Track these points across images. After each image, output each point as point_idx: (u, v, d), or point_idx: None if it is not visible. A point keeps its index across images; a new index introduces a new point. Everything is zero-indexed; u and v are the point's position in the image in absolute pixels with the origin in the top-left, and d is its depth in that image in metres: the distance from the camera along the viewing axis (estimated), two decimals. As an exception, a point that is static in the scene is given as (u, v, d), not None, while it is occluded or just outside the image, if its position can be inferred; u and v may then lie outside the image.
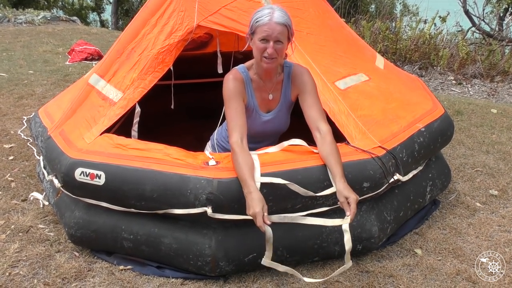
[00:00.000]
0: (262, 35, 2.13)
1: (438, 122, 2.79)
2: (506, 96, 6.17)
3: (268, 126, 2.43)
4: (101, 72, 2.84)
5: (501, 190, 3.26)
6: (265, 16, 2.12)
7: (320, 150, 2.26)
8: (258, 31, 2.15)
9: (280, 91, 2.39)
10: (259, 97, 2.37)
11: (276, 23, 2.11)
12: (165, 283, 2.30)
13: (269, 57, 2.16)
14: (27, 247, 2.55)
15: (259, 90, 2.36)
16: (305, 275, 2.36)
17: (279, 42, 2.15)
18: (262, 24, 2.12)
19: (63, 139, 2.56)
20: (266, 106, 2.41)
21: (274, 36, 2.12)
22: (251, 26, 2.19)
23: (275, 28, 2.11)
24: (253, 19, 2.18)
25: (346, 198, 2.01)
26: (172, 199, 2.17)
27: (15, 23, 10.72)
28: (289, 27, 2.16)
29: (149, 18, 2.82)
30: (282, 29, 2.13)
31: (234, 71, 2.32)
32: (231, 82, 2.27)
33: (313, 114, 2.30)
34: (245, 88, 2.32)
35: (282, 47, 2.18)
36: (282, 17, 2.13)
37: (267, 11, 2.14)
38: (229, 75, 2.30)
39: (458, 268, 2.43)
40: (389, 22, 8.94)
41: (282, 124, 2.47)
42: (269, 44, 2.14)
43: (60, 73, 6.31)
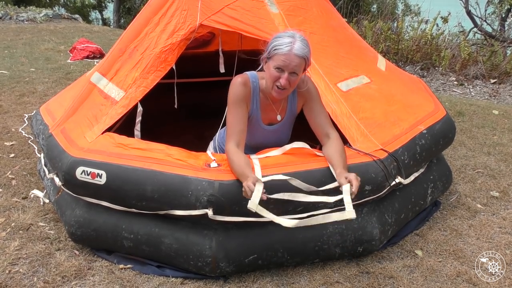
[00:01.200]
0: (279, 64, 2.08)
1: (439, 124, 2.79)
2: (507, 98, 6.16)
3: (269, 137, 2.41)
4: (103, 70, 2.84)
5: (502, 191, 3.26)
6: (285, 46, 2.06)
7: (326, 150, 2.26)
8: (275, 58, 2.09)
9: (286, 108, 2.36)
10: (264, 112, 2.34)
11: (295, 56, 2.06)
12: (165, 282, 2.30)
13: (281, 87, 2.12)
14: (27, 245, 2.55)
15: (265, 107, 2.33)
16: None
17: (294, 73, 2.10)
18: (281, 53, 2.06)
19: (65, 137, 2.56)
20: (269, 120, 2.38)
21: (290, 68, 2.08)
22: (269, 51, 2.11)
23: (293, 60, 2.06)
24: (272, 44, 2.11)
25: (346, 177, 2.03)
26: (173, 200, 2.17)
27: (17, 20, 10.72)
28: (307, 59, 2.11)
29: (151, 17, 2.82)
30: (300, 61, 2.08)
31: (245, 77, 2.26)
32: (239, 87, 2.22)
33: (321, 121, 2.31)
34: (251, 96, 2.28)
35: (295, 79, 2.13)
36: (302, 50, 2.07)
37: (288, 40, 2.07)
38: (238, 79, 2.25)
39: (459, 269, 2.43)
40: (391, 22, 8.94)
41: (284, 136, 2.46)
42: (284, 74, 2.09)
43: (61, 71, 6.31)
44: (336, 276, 2.36)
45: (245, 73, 2.30)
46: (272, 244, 2.27)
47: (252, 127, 2.35)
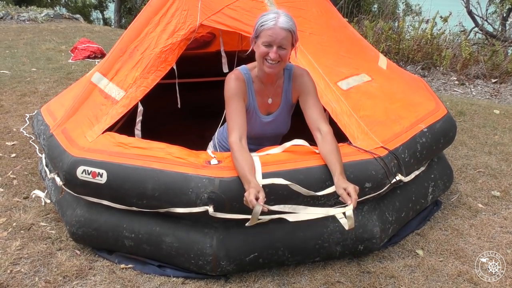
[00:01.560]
0: (266, 39, 2.13)
1: (440, 122, 2.78)
2: (509, 97, 6.15)
3: (268, 128, 2.43)
4: (103, 70, 2.84)
5: (503, 191, 3.26)
6: (270, 21, 2.11)
7: (320, 150, 2.26)
8: (262, 35, 2.14)
9: (281, 95, 2.39)
10: (260, 99, 2.37)
11: (280, 28, 2.10)
12: (166, 282, 2.30)
13: (272, 61, 2.16)
14: (29, 244, 2.55)
15: (260, 94, 2.36)
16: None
17: (282, 48, 2.14)
18: (267, 28, 2.11)
19: (65, 137, 2.57)
20: (266, 109, 2.40)
21: (277, 41, 2.12)
22: (256, 29, 2.17)
23: (279, 33, 2.11)
24: (258, 23, 2.17)
25: (345, 189, 2.00)
26: (174, 198, 2.17)
27: (18, 20, 10.74)
28: (293, 32, 2.15)
29: (152, 17, 2.82)
30: (286, 34, 2.12)
31: (237, 72, 2.32)
32: (233, 81, 2.27)
33: (314, 115, 2.31)
34: (246, 88, 2.32)
35: (285, 53, 2.17)
36: (287, 23, 2.12)
37: (272, 15, 2.13)
38: (231, 75, 2.30)
39: (460, 269, 2.43)
40: (391, 22, 8.93)
41: (283, 126, 2.47)
42: (272, 49, 2.13)
43: (62, 71, 6.32)
44: (337, 276, 2.36)
45: (236, 68, 2.35)
46: (273, 243, 2.27)
47: (250, 118, 2.37)
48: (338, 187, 2.05)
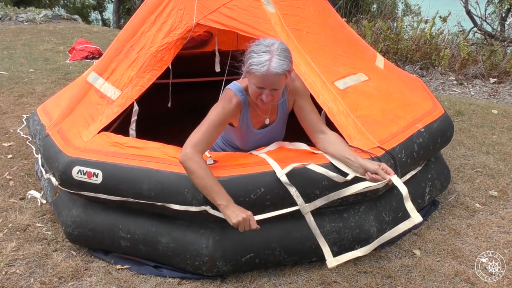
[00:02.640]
0: (258, 83, 2.03)
1: (437, 122, 2.78)
2: (507, 97, 6.15)
3: (263, 140, 2.40)
4: (99, 70, 2.83)
5: (501, 191, 3.25)
6: (261, 66, 1.98)
7: (327, 144, 2.26)
8: (253, 77, 2.04)
9: (277, 110, 2.34)
10: (255, 118, 2.32)
11: (273, 75, 1.99)
12: (162, 282, 2.29)
13: (265, 101, 2.09)
14: (24, 245, 2.54)
15: (255, 115, 2.31)
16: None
17: (275, 89, 2.06)
18: (259, 74, 2.00)
19: (61, 137, 2.56)
20: (261, 124, 2.37)
21: (270, 86, 2.04)
22: (247, 66, 2.05)
23: (271, 78, 2.00)
24: (248, 60, 2.03)
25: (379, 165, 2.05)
26: (169, 197, 2.16)
27: (16, 21, 10.72)
28: (287, 72, 2.05)
29: (148, 16, 2.82)
30: (279, 78, 2.02)
31: (231, 94, 2.21)
32: (225, 105, 2.17)
33: (313, 118, 2.30)
34: (240, 112, 2.25)
35: (279, 92, 2.10)
36: (280, 67, 1.99)
37: (265, 58, 1.98)
38: (226, 97, 2.19)
39: (457, 269, 2.42)
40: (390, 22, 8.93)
41: (277, 136, 2.44)
42: (265, 91, 2.05)
43: (60, 72, 6.30)
44: (334, 276, 2.35)
45: (230, 88, 2.24)
46: (269, 243, 2.26)
47: (243, 134, 2.35)
48: (371, 164, 2.09)
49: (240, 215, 1.98)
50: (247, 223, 1.99)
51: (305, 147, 2.33)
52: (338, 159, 2.21)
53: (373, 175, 2.06)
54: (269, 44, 2.03)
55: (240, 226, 2.00)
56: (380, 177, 2.04)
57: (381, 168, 2.04)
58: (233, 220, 1.98)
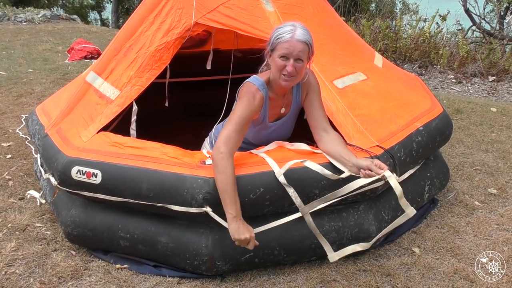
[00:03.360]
0: (283, 52, 2.08)
1: (436, 121, 2.78)
2: (506, 95, 6.15)
3: (274, 134, 2.41)
4: (98, 69, 2.83)
5: (500, 188, 3.25)
6: (286, 33, 2.07)
7: (326, 143, 2.26)
8: (278, 47, 2.09)
9: (291, 101, 2.37)
10: (272, 110, 2.34)
11: (297, 41, 2.06)
12: (161, 282, 2.29)
13: (289, 75, 2.11)
14: (24, 245, 2.54)
15: (273, 106, 2.33)
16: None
17: (299, 60, 2.09)
18: (284, 41, 2.06)
19: (60, 137, 2.55)
20: (276, 117, 2.39)
21: (295, 54, 2.07)
22: (271, 42, 2.12)
23: (296, 45, 2.06)
24: (273, 35, 2.11)
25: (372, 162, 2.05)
26: (169, 198, 2.16)
27: (15, 21, 10.72)
28: (310, 45, 2.11)
29: (146, 16, 2.81)
30: (303, 47, 2.08)
31: (254, 89, 2.20)
32: (251, 102, 2.16)
33: (319, 114, 2.31)
34: (262, 106, 2.26)
35: (301, 66, 2.12)
36: (304, 35, 2.07)
37: (289, 28, 2.08)
38: (249, 93, 2.18)
39: (456, 267, 2.42)
40: (389, 20, 8.93)
41: (287, 131, 2.46)
42: (289, 61, 2.08)
43: (59, 72, 6.30)
44: (333, 274, 2.35)
45: (252, 82, 2.23)
46: (269, 242, 2.26)
47: (258, 126, 2.36)
48: (363, 160, 2.09)
49: (243, 234, 1.97)
50: (246, 243, 2.00)
51: (305, 147, 2.33)
52: (335, 158, 2.22)
53: (367, 171, 2.05)
54: (292, 23, 2.13)
55: (238, 243, 2.01)
56: (373, 173, 2.03)
57: (374, 164, 2.05)
58: (235, 236, 1.98)
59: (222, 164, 2.03)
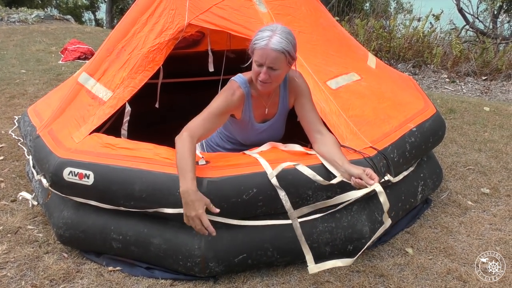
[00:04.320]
0: (257, 59, 2.07)
1: (429, 122, 2.78)
2: (499, 94, 6.18)
3: (264, 135, 2.41)
4: (90, 70, 2.82)
5: (493, 188, 3.26)
6: (262, 40, 2.04)
7: (321, 146, 2.25)
8: (254, 53, 2.08)
9: (278, 103, 2.36)
10: (257, 110, 2.34)
11: (271, 50, 2.02)
12: (154, 284, 2.28)
13: (262, 81, 2.11)
14: (15, 248, 2.52)
15: (257, 106, 2.33)
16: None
17: (272, 69, 2.07)
18: (258, 48, 2.05)
19: (52, 139, 2.54)
20: (262, 118, 2.38)
21: (267, 63, 2.05)
22: (250, 45, 2.11)
23: (269, 54, 2.03)
24: (253, 38, 2.09)
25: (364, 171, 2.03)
26: (161, 199, 2.15)
27: (8, 22, 10.67)
28: (287, 53, 2.06)
29: (139, 17, 2.80)
30: (277, 55, 2.03)
31: (236, 86, 2.24)
32: (228, 96, 2.20)
33: (312, 117, 2.30)
34: (243, 104, 2.27)
35: (277, 74, 2.10)
36: (279, 44, 2.02)
37: (267, 34, 2.04)
38: (230, 88, 2.22)
39: (449, 267, 2.43)
40: (383, 20, 8.95)
41: (278, 132, 2.45)
42: (262, 68, 2.07)
43: (52, 72, 6.27)
44: (327, 276, 2.35)
45: (234, 80, 2.26)
46: (262, 243, 2.26)
47: (245, 127, 2.36)
48: (355, 169, 2.06)
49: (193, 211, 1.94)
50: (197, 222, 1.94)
51: (298, 148, 2.33)
52: (329, 161, 2.22)
53: (357, 180, 2.03)
54: (273, 26, 2.10)
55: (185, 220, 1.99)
56: (363, 183, 2.01)
57: (366, 173, 2.02)
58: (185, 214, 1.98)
59: (177, 145, 2.08)
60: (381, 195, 2.03)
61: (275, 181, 2.13)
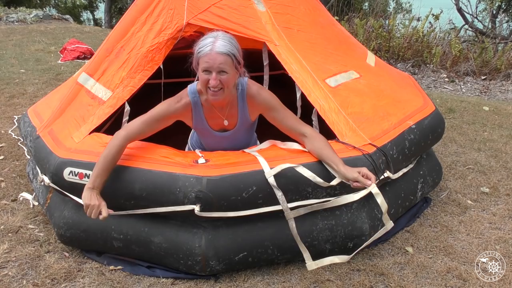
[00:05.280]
0: (204, 66, 2.04)
1: (428, 119, 2.79)
2: (498, 94, 6.19)
3: (225, 142, 2.39)
4: (90, 70, 2.82)
5: (492, 187, 3.27)
6: (206, 46, 2.03)
7: (311, 148, 2.25)
8: (200, 62, 2.06)
9: (237, 115, 2.32)
10: (212, 120, 2.31)
11: (217, 53, 2.02)
12: (155, 283, 2.29)
13: (213, 87, 2.08)
14: (17, 247, 2.53)
15: (212, 117, 2.30)
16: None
17: (222, 72, 2.06)
18: (203, 54, 2.03)
19: (52, 139, 2.54)
20: (221, 127, 2.36)
21: (216, 67, 2.03)
22: (194, 57, 2.08)
23: (216, 58, 2.02)
24: (195, 49, 2.08)
25: (359, 172, 2.03)
26: (161, 197, 2.16)
27: (6, 21, 10.66)
28: (233, 56, 2.06)
29: (138, 16, 2.81)
30: (224, 59, 2.03)
31: (184, 94, 2.24)
32: (171, 103, 2.23)
33: (290, 124, 2.28)
34: (191, 112, 2.26)
35: (227, 78, 2.07)
36: (224, 47, 2.03)
37: (210, 40, 2.04)
38: (178, 95, 2.25)
39: (449, 265, 2.43)
40: (382, 20, 8.95)
41: (242, 142, 2.43)
42: (211, 75, 2.05)
43: (52, 72, 6.28)
44: (327, 274, 2.35)
45: (186, 89, 2.26)
46: (262, 241, 2.27)
47: (203, 133, 2.37)
48: (351, 171, 2.06)
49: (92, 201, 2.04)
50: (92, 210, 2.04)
51: (297, 146, 2.33)
52: (325, 163, 2.22)
53: (355, 183, 2.04)
54: (214, 34, 2.11)
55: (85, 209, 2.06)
56: (361, 185, 2.03)
57: (362, 174, 2.02)
58: (85, 200, 2.06)
59: (109, 142, 2.16)
60: (377, 196, 2.04)
61: (272, 181, 2.13)
